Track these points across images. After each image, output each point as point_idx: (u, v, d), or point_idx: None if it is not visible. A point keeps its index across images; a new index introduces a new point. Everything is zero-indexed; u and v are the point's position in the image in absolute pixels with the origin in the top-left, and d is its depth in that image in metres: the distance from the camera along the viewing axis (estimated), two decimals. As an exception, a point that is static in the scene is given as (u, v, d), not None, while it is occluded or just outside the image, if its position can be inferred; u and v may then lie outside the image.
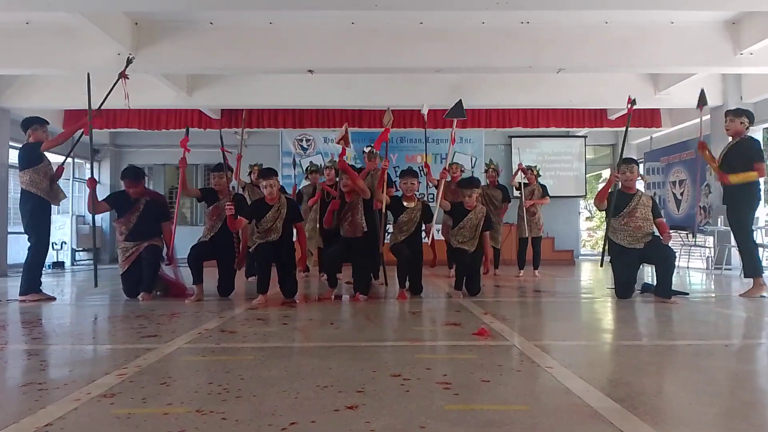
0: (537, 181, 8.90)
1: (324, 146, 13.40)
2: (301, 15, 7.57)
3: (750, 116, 6.11)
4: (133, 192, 5.92)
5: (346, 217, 5.85)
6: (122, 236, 5.96)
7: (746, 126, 6.06)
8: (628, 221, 5.58)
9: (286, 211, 5.58)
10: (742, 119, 6.05)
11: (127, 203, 5.94)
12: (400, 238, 5.96)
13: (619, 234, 5.64)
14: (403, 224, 5.96)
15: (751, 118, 6.11)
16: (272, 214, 5.52)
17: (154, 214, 5.97)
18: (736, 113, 6.13)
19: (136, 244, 5.90)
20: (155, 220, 5.99)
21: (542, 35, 7.83)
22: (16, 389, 2.58)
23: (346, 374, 2.73)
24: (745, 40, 7.62)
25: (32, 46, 7.73)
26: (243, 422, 2.05)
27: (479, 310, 4.90)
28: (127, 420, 2.10)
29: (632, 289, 5.76)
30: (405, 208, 5.99)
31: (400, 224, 5.97)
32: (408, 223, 5.97)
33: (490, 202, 8.50)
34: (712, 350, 3.39)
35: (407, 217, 5.97)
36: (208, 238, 5.89)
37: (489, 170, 9.00)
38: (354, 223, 5.82)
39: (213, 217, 5.90)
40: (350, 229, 5.84)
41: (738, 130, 6.04)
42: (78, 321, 4.76)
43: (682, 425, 2.03)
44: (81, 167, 13.23)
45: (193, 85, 9.96)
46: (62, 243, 12.01)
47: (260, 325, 4.25)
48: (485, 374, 2.75)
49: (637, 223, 5.55)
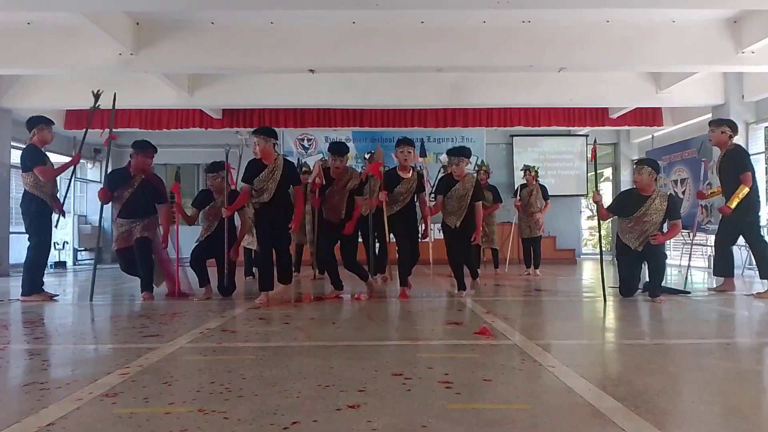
0: (536, 181, 8.89)
1: (325, 145, 13.39)
2: (302, 14, 7.56)
3: (732, 125, 6.20)
4: (134, 163, 5.91)
5: (331, 199, 5.76)
6: (117, 212, 6.00)
7: (728, 134, 6.14)
8: (635, 224, 5.53)
9: (281, 172, 5.41)
10: (723, 128, 6.14)
11: (124, 178, 5.92)
12: (396, 209, 5.92)
13: (626, 234, 5.62)
14: (398, 195, 5.88)
15: (733, 127, 6.19)
16: (265, 174, 5.43)
17: (147, 193, 5.93)
18: (717, 123, 6.24)
19: (130, 221, 5.89)
20: (148, 200, 5.95)
21: (543, 34, 7.82)
22: (18, 389, 2.59)
23: (348, 373, 2.73)
24: (747, 39, 7.61)
25: (33, 46, 7.74)
26: (245, 421, 2.05)
27: (481, 309, 4.90)
28: (129, 419, 2.10)
29: (635, 287, 5.75)
30: (401, 179, 5.90)
31: (395, 195, 5.88)
32: (404, 194, 5.90)
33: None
34: (714, 349, 3.38)
35: (403, 188, 5.89)
36: (204, 237, 5.98)
37: (480, 171, 9.00)
38: (335, 207, 5.75)
39: (210, 217, 5.99)
40: (331, 212, 5.79)
41: (721, 140, 6.14)
42: (80, 320, 4.76)
43: (683, 424, 2.03)
44: (83, 167, 13.24)
45: (194, 84, 9.96)
46: (64, 243, 12.02)
47: (262, 325, 4.26)
48: (487, 373, 2.75)
49: (644, 228, 5.49)
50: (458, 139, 13.22)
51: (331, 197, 5.76)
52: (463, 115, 11.72)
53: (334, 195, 5.75)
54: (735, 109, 9.75)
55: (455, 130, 12.66)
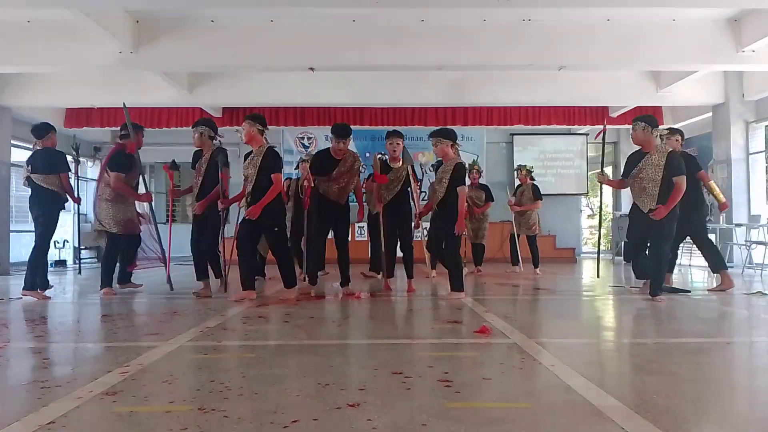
0: (529, 181, 8.88)
1: (325, 144, 13.37)
2: (302, 13, 7.56)
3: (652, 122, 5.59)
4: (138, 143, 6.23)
5: (340, 180, 5.74)
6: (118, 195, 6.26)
7: (680, 143, 6.06)
8: (635, 182, 5.33)
9: (261, 159, 5.31)
10: (677, 137, 6.06)
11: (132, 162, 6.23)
12: (388, 197, 6.06)
13: (635, 197, 5.46)
14: (390, 182, 6.05)
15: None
16: (248, 159, 5.44)
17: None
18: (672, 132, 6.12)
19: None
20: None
21: (543, 33, 7.81)
22: (18, 387, 2.59)
23: (348, 372, 2.74)
24: (747, 38, 7.60)
25: (33, 44, 7.73)
26: (245, 420, 2.06)
27: (480, 308, 4.90)
28: (129, 418, 2.10)
29: (639, 254, 5.59)
30: (391, 168, 6.13)
31: (387, 184, 6.05)
32: (395, 181, 6.07)
33: (473, 203, 8.50)
34: (714, 348, 3.39)
35: (393, 176, 6.08)
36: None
37: (472, 171, 8.94)
38: (343, 189, 5.77)
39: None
40: (339, 194, 5.76)
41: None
42: (80, 319, 4.77)
43: (683, 423, 2.03)
44: (82, 165, 13.22)
45: (193, 83, 9.96)
46: (64, 241, 12.00)
47: (262, 323, 4.26)
48: (486, 372, 2.75)
49: (642, 185, 5.25)
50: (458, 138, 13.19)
51: (339, 178, 5.74)
52: (463, 114, 11.72)
53: (342, 176, 5.75)
54: (735, 108, 9.76)
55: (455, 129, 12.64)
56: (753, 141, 9.81)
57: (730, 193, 9.67)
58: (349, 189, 5.87)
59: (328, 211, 5.83)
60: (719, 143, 10.07)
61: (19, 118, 10.33)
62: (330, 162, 5.74)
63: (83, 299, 6.19)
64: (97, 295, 6.00)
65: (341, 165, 5.74)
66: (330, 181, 5.74)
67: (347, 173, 5.78)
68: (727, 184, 9.79)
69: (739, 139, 9.78)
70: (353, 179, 5.87)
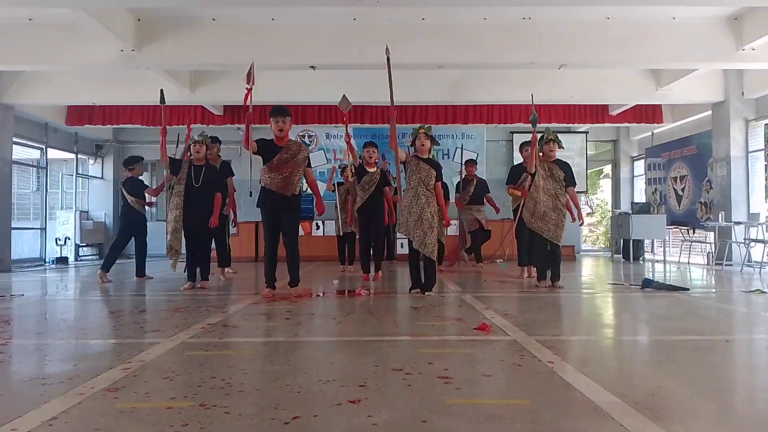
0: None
1: (326, 142, 13.39)
2: (303, 11, 7.57)
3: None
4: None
5: (283, 170, 5.41)
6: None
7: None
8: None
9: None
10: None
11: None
12: (365, 197, 7.10)
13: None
14: (365, 183, 7.14)
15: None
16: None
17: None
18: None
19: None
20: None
21: (543, 31, 7.82)
22: (20, 383, 2.61)
23: (349, 368, 2.75)
24: (747, 36, 7.60)
25: (35, 42, 7.74)
26: (246, 416, 2.07)
27: (480, 305, 4.91)
28: (131, 414, 2.12)
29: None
30: (367, 171, 7.16)
31: (363, 184, 7.15)
32: (369, 183, 7.13)
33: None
34: (713, 345, 3.40)
35: (369, 179, 7.14)
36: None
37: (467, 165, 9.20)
38: (286, 180, 5.41)
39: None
40: (282, 185, 5.42)
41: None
42: (82, 316, 4.79)
43: (682, 420, 2.05)
44: (84, 163, 13.25)
45: (195, 81, 9.96)
46: (66, 238, 12.03)
47: (263, 320, 4.27)
48: (486, 369, 2.76)
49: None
50: (458, 136, 13.24)
51: (281, 167, 5.39)
52: (463, 112, 11.71)
53: (285, 165, 5.39)
54: (735, 106, 9.76)
55: (455, 127, 12.65)
56: (752, 139, 9.80)
57: (729, 191, 9.70)
58: (294, 180, 5.45)
59: (271, 204, 5.45)
60: (719, 141, 10.07)
61: (21, 115, 10.34)
62: (271, 148, 5.39)
63: (84, 296, 6.21)
64: (98, 292, 6.02)
65: (283, 152, 5.39)
66: (272, 170, 5.40)
67: (290, 162, 5.40)
68: (726, 182, 9.80)
69: (738, 137, 9.77)
70: (298, 169, 5.47)
